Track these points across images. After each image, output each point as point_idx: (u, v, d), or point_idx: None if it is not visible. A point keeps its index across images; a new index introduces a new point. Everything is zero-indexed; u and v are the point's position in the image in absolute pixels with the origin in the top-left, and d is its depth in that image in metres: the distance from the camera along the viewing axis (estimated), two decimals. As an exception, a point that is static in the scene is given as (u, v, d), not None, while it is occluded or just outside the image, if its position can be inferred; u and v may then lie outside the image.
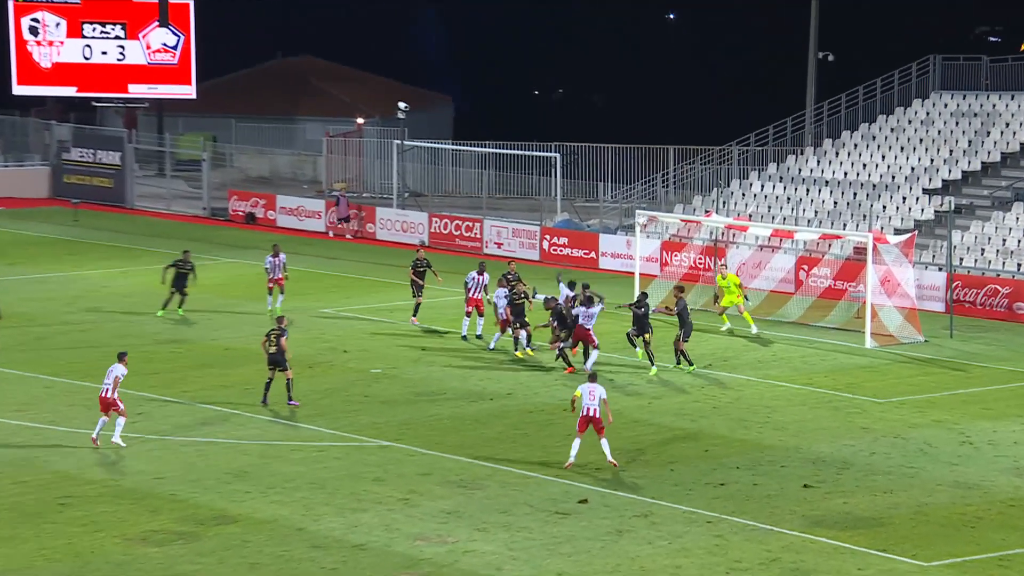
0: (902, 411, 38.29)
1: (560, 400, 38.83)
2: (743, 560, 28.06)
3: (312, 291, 51.95)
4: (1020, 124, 60.34)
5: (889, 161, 61.11)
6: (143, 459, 33.65)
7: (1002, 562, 28.19)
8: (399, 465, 33.43)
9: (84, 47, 75.37)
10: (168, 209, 71.90)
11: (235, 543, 28.65)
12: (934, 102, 63.23)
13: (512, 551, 28.38)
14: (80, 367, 41.57)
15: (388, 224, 64.90)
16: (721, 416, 37.77)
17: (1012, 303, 50.26)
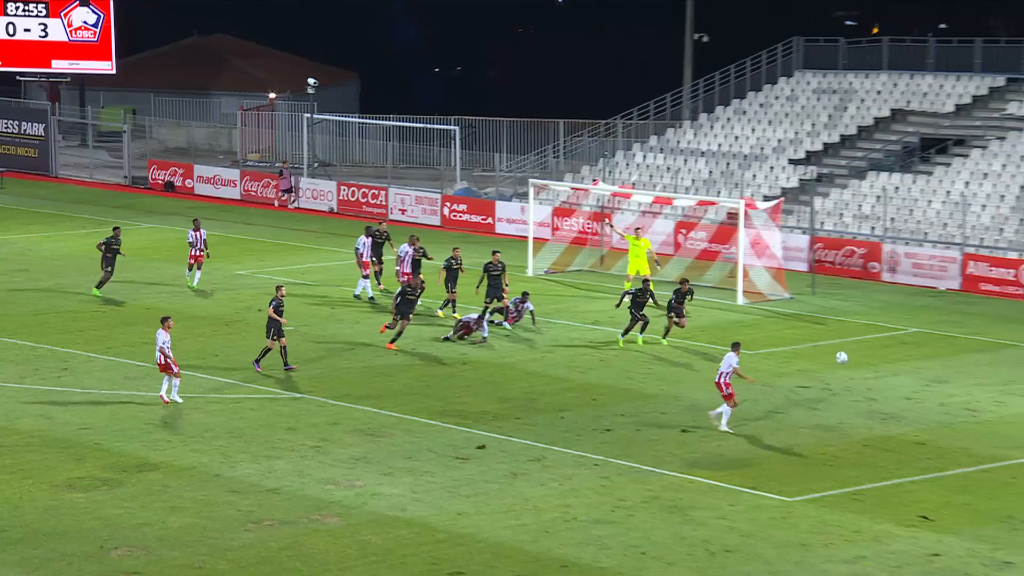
0: (770, 361, 38.73)
1: (459, 355, 38.96)
2: (627, 499, 28.33)
3: (229, 255, 51.71)
4: (874, 100, 60.99)
5: (758, 134, 61.58)
6: (71, 411, 33.47)
7: (856, 496, 28.73)
8: (310, 415, 33.46)
9: (8, 24, 74.41)
10: (91, 178, 71.26)
11: (157, 488, 28.59)
12: (798, 80, 63.75)
13: (416, 494, 28.51)
14: (11, 326, 41.25)
15: (299, 192, 64.72)
16: (608, 368, 38.04)
17: (867, 262, 50.95)
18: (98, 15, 74.87)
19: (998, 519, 27.66)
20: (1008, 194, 53.37)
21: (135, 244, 54.54)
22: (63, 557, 25.35)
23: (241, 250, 53.64)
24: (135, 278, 48.27)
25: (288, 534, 26.46)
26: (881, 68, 62.25)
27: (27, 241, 55.16)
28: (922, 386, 36.59)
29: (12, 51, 74.72)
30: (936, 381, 37.09)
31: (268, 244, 53.85)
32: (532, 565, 25.22)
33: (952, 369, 38.22)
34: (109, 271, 45.49)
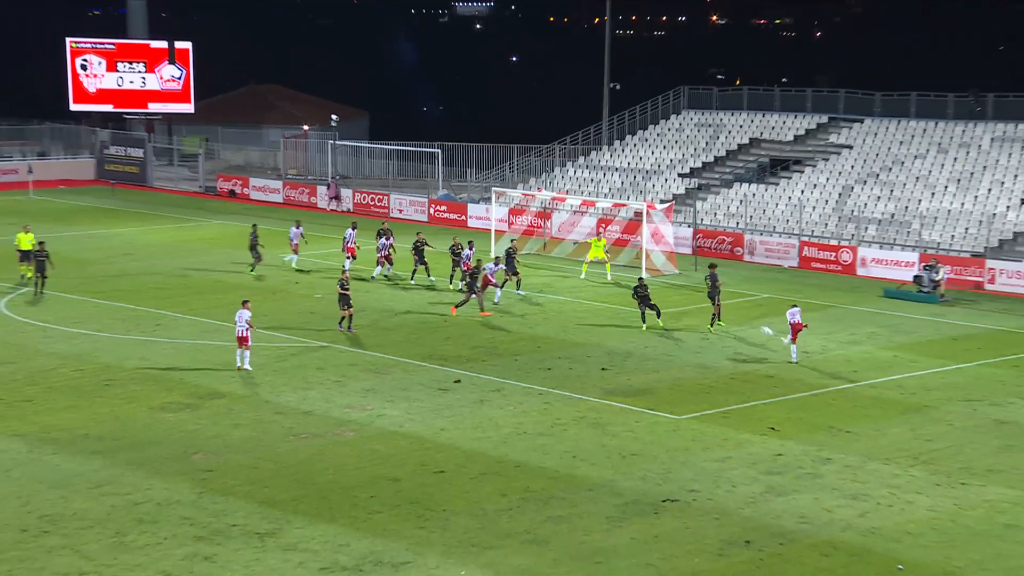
0: (664, 319, 38.84)
1: (441, 316, 38.94)
2: (562, 418, 28.47)
3: (275, 243, 51.51)
4: (737, 131, 61.13)
5: (656, 155, 61.63)
6: (162, 355, 33.40)
7: (725, 414, 28.96)
8: (334, 359, 33.46)
9: (118, 78, 74.63)
10: (176, 187, 70.85)
11: (223, 410, 28.63)
12: (683, 117, 63.83)
13: (410, 415, 28.58)
14: (120, 294, 41.13)
15: (325, 197, 64.38)
16: (550, 324, 38.12)
17: (733, 247, 51.14)
18: (182, 70, 75.28)
19: (823, 429, 27.94)
20: (830, 199, 53.61)
21: (207, 235, 54.42)
22: (158, 459, 25.36)
23: (284, 240, 53.36)
24: (207, 260, 48.12)
25: (318, 443, 26.49)
26: (742, 108, 62.38)
27: (131, 233, 54.88)
28: (771, 337, 36.82)
29: (121, 97, 75.03)
30: (781, 333, 37.27)
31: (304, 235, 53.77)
32: (495, 465, 25.32)
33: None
34: (258, 257, 45.05)
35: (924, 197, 51.71)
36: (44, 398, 29.48)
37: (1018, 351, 35.60)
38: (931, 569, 20.83)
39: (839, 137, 58.22)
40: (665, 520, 22.61)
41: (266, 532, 21.86)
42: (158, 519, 22.36)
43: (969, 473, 25.26)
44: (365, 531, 21.96)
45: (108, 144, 73.54)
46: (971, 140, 54.33)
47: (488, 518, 22.58)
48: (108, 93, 74.76)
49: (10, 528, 21.93)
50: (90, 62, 74.31)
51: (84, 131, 77.25)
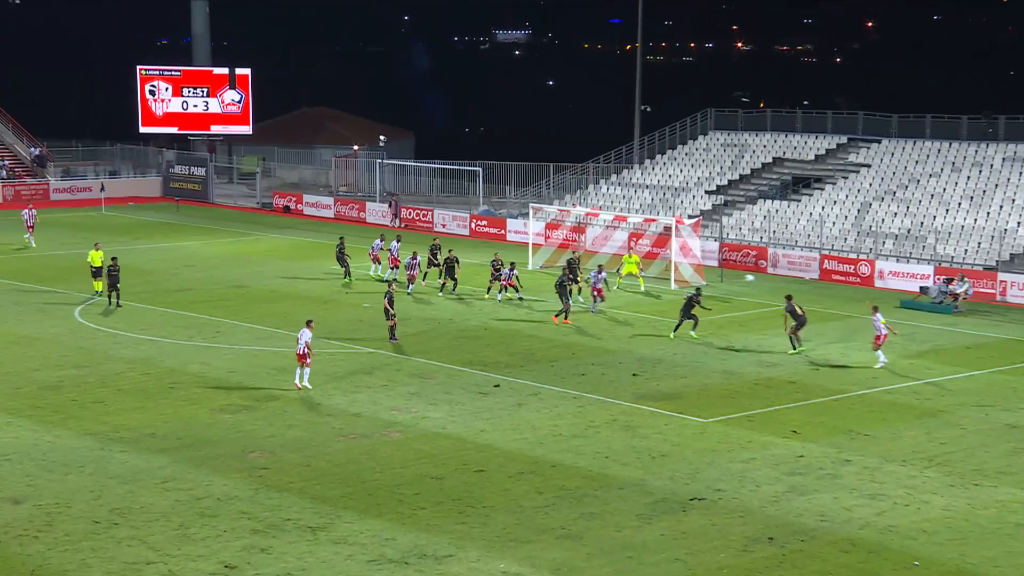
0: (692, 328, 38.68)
1: (482, 324, 38.92)
2: (595, 420, 28.40)
3: (326, 255, 51.84)
4: (761, 151, 60.89)
5: (685, 173, 61.49)
6: (221, 360, 33.59)
7: (749, 418, 28.82)
8: (381, 363, 33.53)
9: (183, 102, 75.29)
10: (235, 203, 71.30)
11: (278, 412, 28.74)
12: (711, 137, 63.65)
13: (452, 417, 28.59)
14: (182, 303, 41.40)
15: (374, 212, 64.63)
16: (582, 334, 38.00)
17: (758, 260, 50.92)
18: (241, 95, 75.81)
19: (842, 432, 27.74)
20: (849, 215, 53.29)
21: (263, 248, 54.72)
22: (218, 457, 25.50)
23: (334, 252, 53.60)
24: (263, 271, 48.37)
25: (366, 444, 26.54)
26: (766, 129, 62.12)
27: (194, 246, 55.28)
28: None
29: (185, 120, 75.72)
30: (804, 340, 37.10)
31: (353, 248, 53.87)
32: (532, 464, 25.29)
33: (814, 332, 38.23)
34: (347, 266, 45.75)
35: (939, 213, 51.30)
36: (114, 400, 29.73)
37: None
38: (946, 566, 20.63)
39: (858, 156, 57.86)
40: (692, 517, 22.51)
41: (318, 526, 21.93)
42: (218, 513, 22.48)
43: (982, 475, 25.01)
44: (410, 526, 21.99)
45: (173, 163, 74.12)
46: (983, 160, 53.87)
47: (525, 514, 22.56)
48: (174, 116, 75.45)
49: (84, 519, 22.13)
50: (158, 87, 75.10)
51: (152, 152, 78.02)
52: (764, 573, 20.23)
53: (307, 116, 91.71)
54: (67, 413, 28.51)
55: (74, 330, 37.23)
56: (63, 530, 21.69)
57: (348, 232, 60.27)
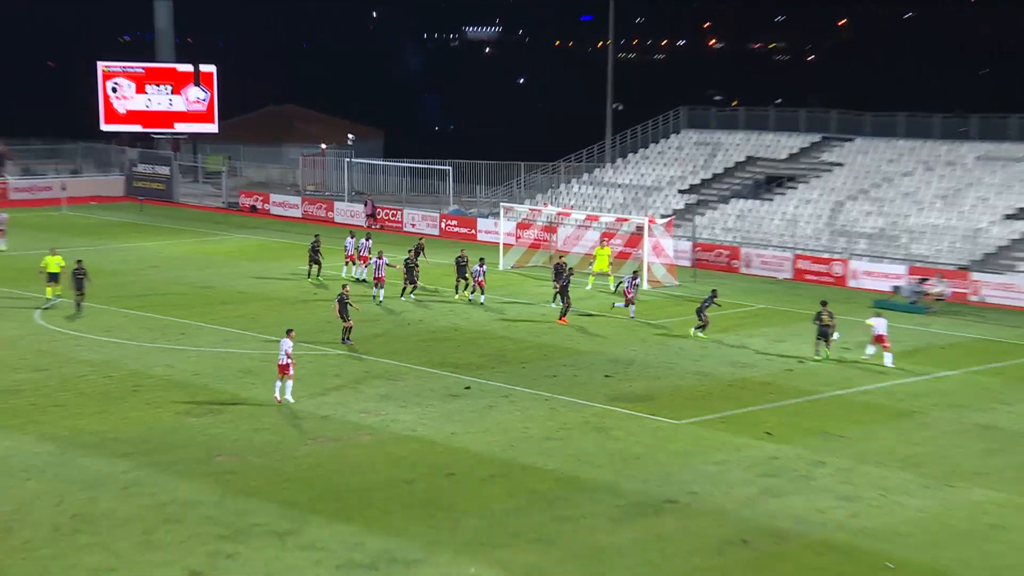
0: (665, 328, 38.87)
1: (451, 324, 38.91)
2: (568, 422, 28.41)
3: (294, 256, 51.72)
4: (734, 150, 61.19)
5: (657, 172, 61.67)
6: (187, 362, 33.40)
7: (723, 419, 28.90)
8: (350, 366, 33.45)
9: (146, 100, 74.82)
10: (200, 203, 70.99)
11: (245, 415, 28.59)
12: (683, 136, 63.89)
13: (422, 420, 28.54)
14: (147, 305, 41.14)
15: (342, 212, 64.52)
16: (555, 334, 38.05)
17: (731, 260, 51.13)
18: (206, 92, 75.42)
19: (816, 433, 27.88)
20: (823, 214, 53.60)
21: (229, 248, 54.48)
22: (182, 461, 25.35)
23: (302, 253, 53.41)
24: (229, 272, 48.14)
25: (335, 447, 26.46)
26: (739, 128, 62.43)
27: (157, 246, 54.96)
28: (768, 345, 36.79)
29: (149, 118, 75.26)
30: (777, 341, 37.31)
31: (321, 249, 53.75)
32: (503, 467, 25.29)
33: (788, 333, 38.45)
34: (319, 264, 45.83)
35: (912, 212, 51.67)
36: (75, 403, 29.50)
37: (1002, 359, 35.54)
38: (919, 568, 20.77)
39: (831, 155, 58.21)
40: (666, 520, 22.55)
41: (286, 531, 21.84)
42: (183, 518, 22.35)
43: (955, 476, 25.19)
44: (379, 530, 21.94)
45: (136, 162, 73.72)
46: (956, 159, 54.30)
47: (496, 518, 22.54)
48: (137, 114, 74.93)
49: (44, 526, 21.94)
50: (120, 85, 74.56)
51: (114, 150, 77.52)
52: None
53: (274, 114, 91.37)
54: (26, 417, 28.26)
55: (34, 332, 36.93)
56: (22, 537, 21.49)
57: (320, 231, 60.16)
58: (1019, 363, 35.00)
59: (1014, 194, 50.82)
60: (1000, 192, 51.14)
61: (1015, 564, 21.00)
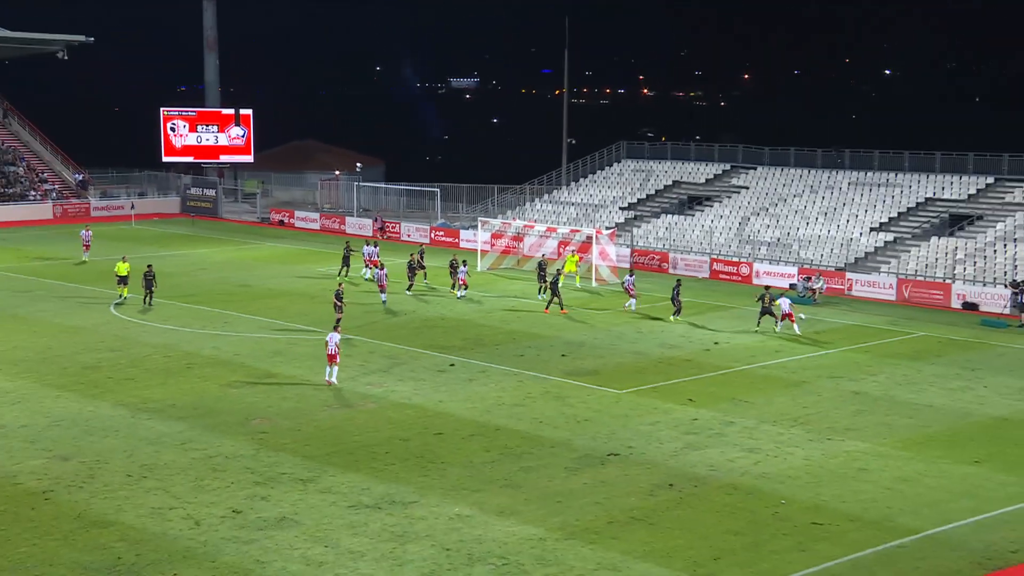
0: (609, 317, 38.81)
1: (439, 315, 38.78)
2: (532, 392, 28.36)
3: (314, 260, 51.44)
4: (663, 175, 61.15)
5: (603, 192, 61.62)
6: (229, 345, 33.19)
7: (655, 389, 28.89)
8: (358, 348, 33.29)
9: (197, 137, 74.29)
10: (240, 218, 70.39)
11: (275, 388, 28.44)
12: (623, 164, 63.80)
13: (416, 391, 28.45)
14: (197, 299, 40.83)
15: (352, 225, 63.93)
16: (521, 322, 37.90)
17: (660, 263, 51.14)
18: (244, 131, 75.09)
19: (728, 400, 27.97)
20: (733, 226, 53.73)
21: (263, 254, 54.07)
22: (226, 424, 25.24)
23: (320, 257, 53.31)
24: (263, 272, 47.84)
25: (346, 413, 26.38)
26: (667, 158, 62.43)
27: (206, 252, 54.54)
28: (689, 330, 36.84)
29: (199, 151, 74.66)
30: (697, 327, 37.40)
31: (334, 254, 53.48)
32: (481, 428, 25.27)
33: (706, 320, 38.54)
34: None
35: (801, 225, 51.92)
36: (142, 377, 29.28)
37: (869, 340, 35.78)
38: (805, 503, 20.91)
39: (739, 180, 58.37)
40: (609, 469, 22.60)
41: (308, 479, 21.76)
42: (227, 468, 22.24)
43: (833, 431, 25.37)
44: (382, 478, 21.88)
45: (190, 186, 73.16)
46: (834, 184, 54.62)
47: (475, 468, 22.53)
48: (190, 148, 74.50)
49: (119, 473, 21.84)
50: (177, 125, 74.16)
51: (172, 177, 76.86)
52: (666, 512, 20.38)
53: (298, 147, 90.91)
54: (104, 388, 28.05)
55: (109, 322, 36.60)
56: (102, 482, 21.40)
57: (335, 241, 59.86)
58: (883, 343, 35.24)
59: (877, 212, 51.20)
60: (867, 210, 51.51)
61: (877, 498, 21.20)
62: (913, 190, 51.99)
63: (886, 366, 31.85)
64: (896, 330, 37.18)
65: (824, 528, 19.69)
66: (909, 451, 23.90)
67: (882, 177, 53.74)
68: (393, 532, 19.30)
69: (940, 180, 51.85)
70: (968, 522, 20.00)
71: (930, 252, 46.61)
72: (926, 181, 52.16)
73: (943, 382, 29.96)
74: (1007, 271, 43.49)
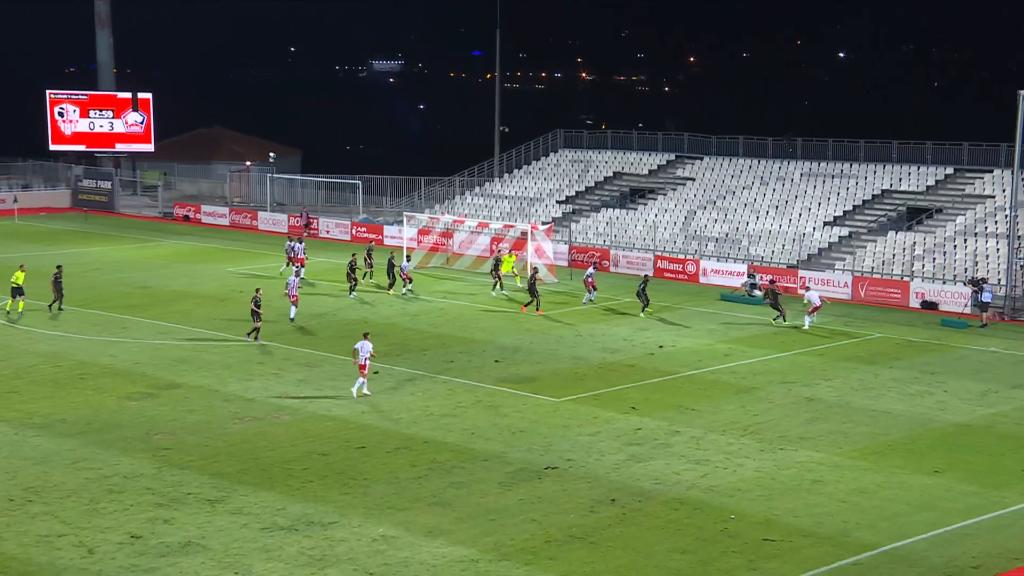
0: (546, 320, 38.95)
1: (360, 318, 38.57)
2: (463, 401, 28.38)
3: (222, 259, 50.77)
4: (603, 166, 61.61)
5: (539, 185, 61.88)
6: (128, 353, 32.61)
7: (596, 397, 29.09)
8: (272, 355, 32.98)
9: (89, 123, 72.82)
10: (139, 213, 69.20)
11: (180, 399, 28.07)
12: (560, 154, 64.15)
13: (336, 401, 28.27)
14: (92, 302, 40.03)
15: (265, 220, 63.40)
16: (451, 325, 37.94)
17: (601, 260, 51.46)
18: (143, 116, 73.87)
19: (674, 408, 28.26)
20: (678, 221, 54.35)
21: (165, 253, 53.24)
22: (124, 439, 24.79)
23: (230, 255, 52.63)
24: (165, 273, 47.10)
25: (258, 426, 26.08)
26: (607, 147, 62.92)
27: (100, 251, 53.49)
28: (632, 332, 37.13)
29: (92, 139, 73.23)
30: (640, 330, 37.72)
31: (245, 253, 52.87)
32: (407, 441, 25.19)
33: (650, 323, 38.86)
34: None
35: (751, 220, 52.69)
36: (27, 390, 28.61)
37: (823, 343, 36.44)
38: (755, 518, 21.23)
39: (684, 171, 59.05)
40: (547, 484, 22.69)
41: (216, 499, 21.47)
42: (125, 489, 21.84)
43: (785, 440, 25.78)
44: (299, 497, 21.68)
45: (81, 178, 71.77)
46: (786, 175, 55.54)
47: (401, 485, 22.45)
48: (81, 135, 72.98)
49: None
50: (66, 110, 72.56)
51: (61, 167, 75.36)
52: (608, 530, 20.53)
53: (204, 135, 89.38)
54: (-17, 403, 27.34)
55: (-11, 328, 35.72)
56: (-20, 510, 20.79)
57: (244, 239, 59.21)
58: (838, 345, 35.92)
59: (832, 204, 52.18)
60: (821, 203, 52.48)
61: (832, 512, 21.60)
62: (869, 181, 53.09)
63: (841, 370, 32.45)
64: (852, 331, 37.92)
65: (776, 545, 20.02)
66: (866, 461, 24.40)
67: (836, 167, 54.79)
68: (311, 556, 19.17)
69: (897, 171, 53.07)
70: (928, 536, 20.49)
71: (887, 248, 47.66)
72: (882, 172, 53.32)
73: (901, 387, 30.65)
74: (967, 268, 44.67)
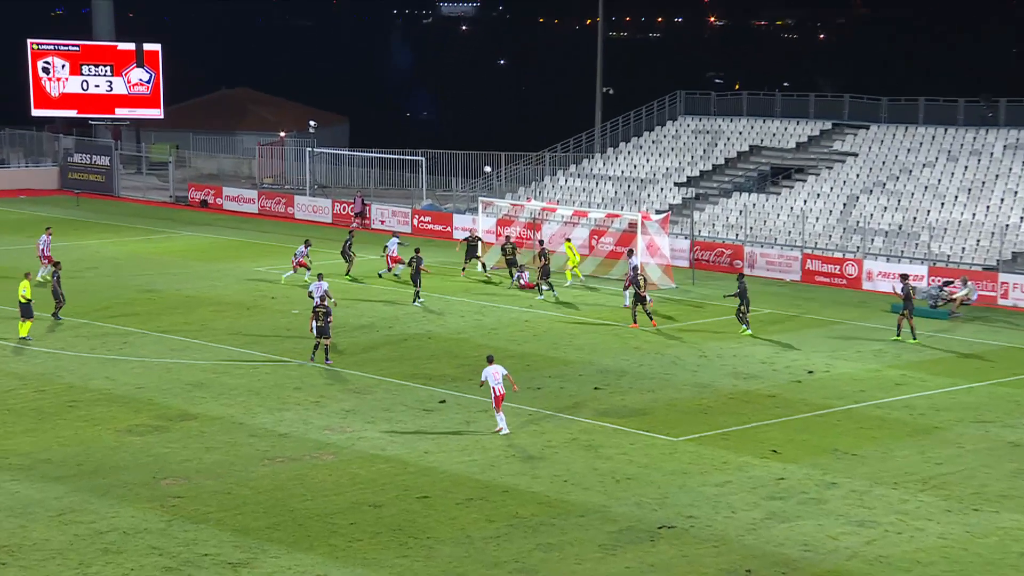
0: (660, 335, 38.89)
1: (425, 331, 38.86)
2: (553, 440, 28.36)
3: (249, 255, 51.60)
4: (736, 138, 61.30)
5: (651, 163, 61.77)
6: (129, 374, 33.25)
7: (724, 436, 28.93)
8: (312, 378, 33.37)
9: (82, 82, 74.61)
10: (144, 197, 70.76)
11: (195, 433, 28.52)
12: (680, 123, 63.98)
13: (392, 437, 28.49)
14: (85, 310, 40.90)
15: (303, 208, 64.42)
16: (539, 341, 38.02)
17: (732, 260, 51.18)
18: (150, 74, 75.17)
19: (827, 451, 27.95)
20: (834, 209, 53.79)
21: (177, 248, 54.33)
22: (124, 485, 25.25)
23: (258, 252, 53.44)
24: (177, 273, 47.98)
25: (295, 468, 26.40)
26: (741, 114, 62.57)
27: (97, 245, 54.76)
28: (774, 353, 36.84)
29: (86, 102, 74.85)
30: (784, 349, 37.38)
31: (279, 248, 53.61)
32: (481, 490, 25.27)
33: (795, 340, 38.52)
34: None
35: (933, 207, 51.90)
36: (2, 421, 29.33)
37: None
38: (942, 599, 20.84)
39: (843, 144, 58.43)
40: (661, 548, 22.57)
41: (239, 562, 21.77)
42: (124, 549, 22.24)
43: (982, 498, 25.29)
44: (345, 560, 21.89)
45: (72, 152, 73.44)
46: (982, 147, 54.58)
47: (474, 546, 22.53)
48: (72, 98, 74.64)
49: (-33, 558, 21.82)
50: (53, 65, 74.21)
51: (46, 138, 77.12)
52: (741, 610, 20.36)
53: (227, 98, 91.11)
54: (-49, 436, 28.13)
55: (-40, 341, 36.79)
56: (-54, 569, 21.38)
57: (279, 229, 60.16)
58: (1051, 373, 35.21)
59: (1045, 187, 51.16)
60: (1030, 185, 51.47)
61: (1047, 595, 21.11)
62: (1091, 157, 52.01)
63: (1054, 405, 31.86)
64: (1067, 354, 37.21)
65: (966, 633, 19.65)
66: (1087, 525, 23.87)
67: (1048, 139, 53.74)
68: (358, 637, 19.33)
69: None
70: None
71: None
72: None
73: None
74: None
